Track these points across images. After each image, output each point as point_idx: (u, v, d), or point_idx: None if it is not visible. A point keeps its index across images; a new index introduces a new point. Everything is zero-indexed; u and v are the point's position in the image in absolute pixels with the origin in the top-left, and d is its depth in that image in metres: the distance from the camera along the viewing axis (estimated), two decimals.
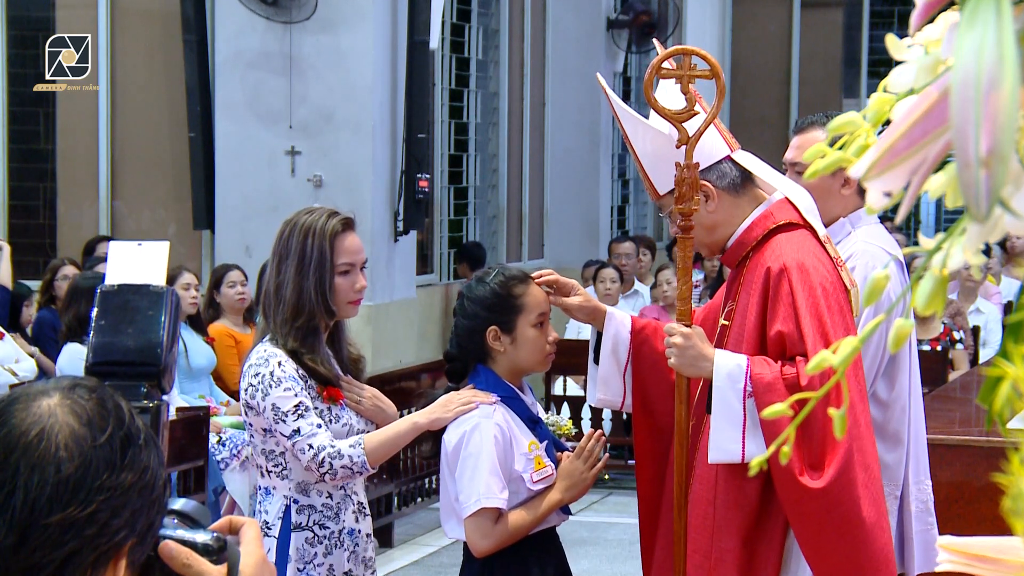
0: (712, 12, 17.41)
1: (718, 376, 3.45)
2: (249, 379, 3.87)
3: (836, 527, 3.35)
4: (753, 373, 3.41)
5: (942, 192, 1.08)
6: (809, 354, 3.37)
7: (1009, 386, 1.05)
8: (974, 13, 0.98)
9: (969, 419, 5.70)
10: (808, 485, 3.32)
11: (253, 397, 3.85)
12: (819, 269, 3.47)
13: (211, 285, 8.84)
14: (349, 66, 10.23)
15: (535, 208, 13.85)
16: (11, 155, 11.18)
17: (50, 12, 11.31)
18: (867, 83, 17.65)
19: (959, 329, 10.04)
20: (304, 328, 3.88)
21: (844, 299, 3.49)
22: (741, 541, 3.45)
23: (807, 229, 3.57)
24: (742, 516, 3.45)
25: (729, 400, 3.42)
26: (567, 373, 10.44)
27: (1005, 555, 1.27)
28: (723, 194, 3.63)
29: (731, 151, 3.66)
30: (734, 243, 3.64)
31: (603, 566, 8.15)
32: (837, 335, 3.38)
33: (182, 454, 6.85)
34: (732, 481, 3.48)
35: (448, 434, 3.87)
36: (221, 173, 10.48)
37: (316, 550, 3.88)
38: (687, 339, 3.52)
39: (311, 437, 3.81)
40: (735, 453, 3.42)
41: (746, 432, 3.41)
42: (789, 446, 1.11)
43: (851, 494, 3.34)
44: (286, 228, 3.95)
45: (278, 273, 3.91)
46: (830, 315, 3.41)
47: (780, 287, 3.45)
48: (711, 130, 3.62)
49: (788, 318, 3.42)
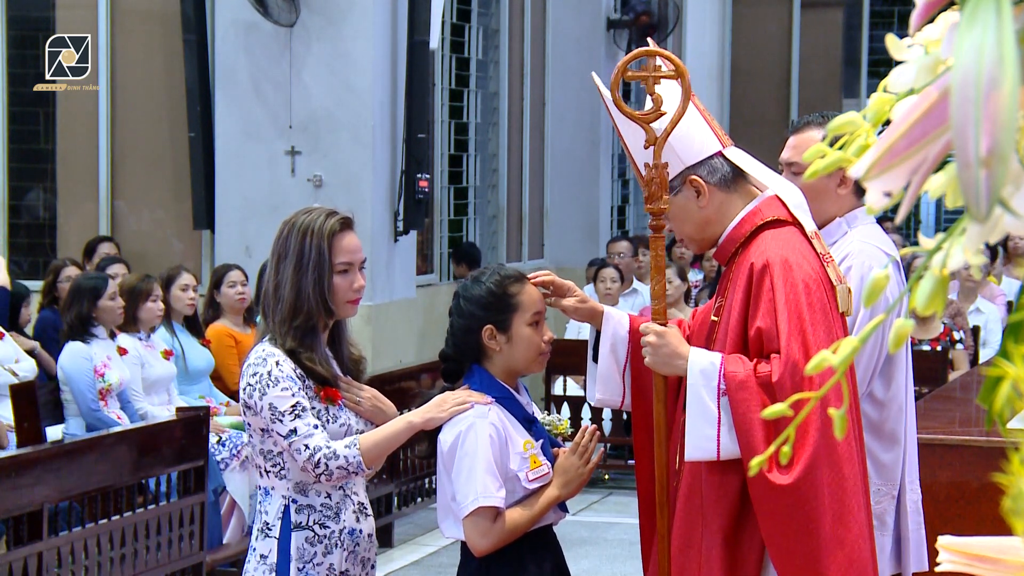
0: (712, 12, 17.41)
1: (692, 374, 3.47)
2: (248, 379, 3.87)
3: (800, 526, 3.35)
4: (727, 371, 3.41)
5: (942, 192, 1.08)
6: (783, 352, 3.36)
7: (1009, 386, 1.05)
8: (974, 13, 0.98)
9: (969, 419, 5.70)
10: (775, 482, 3.33)
11: (251, 396, 3.85)
12: (803, 266, 3.45)
13: (211, 285, 8.85)
14: (349, 66, 10.23)
15: (535, 208, 13.84)
16: (11, 155, 11.18)
17: (50, 12, 11.30)
18: (867, 83, 17.64)
19: (959, 329, 10.04)
20: (302, 327, 3.88)
21: (830, 296, 3.47)
22: (723, 539, 3.45)
23: (795, 225, 3.56)
24: (724, 514, 3.45)
25: (703, 398, 3.44)
26: (567, 373, 10.44)
27: (1005, 555, 1.27)
28: (714, 190, 3.62)
29: (722, 147, 3.65)
30: (724, 240, 3.64)
31: (603, 566, 8.15)
32: (817, 333, 3.37)
33: (182, 454, 6.85)
34: (713, 479, 3.49)
35: (444, 434, 3.86)
36: (221, 173, 10.48)
37: (316, 549, 3.88)
38: (660, 337, 3.55)
39: (307, 438, 3.80)
40: (711, 451, 3.43)
41: (721, 430, 3.42)
42: (789, 445, 1.11)
43: (816, 493, 3.33)
44: (285, 228, 3.95)
45: (277, 273, 3.90)
46: (810, 312, 3.40)
47: (762, 283, 3.45)
48: (702, 125, 3.62)
49: (768, 314, 3.42)
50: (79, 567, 6.16)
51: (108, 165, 11.07)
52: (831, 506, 3.35)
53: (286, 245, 3.91)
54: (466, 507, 3.79)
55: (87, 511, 6.30)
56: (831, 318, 3.44)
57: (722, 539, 3.45)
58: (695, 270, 12.80)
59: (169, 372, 7.97)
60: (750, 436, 3.35)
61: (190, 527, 6.88)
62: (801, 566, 3.37)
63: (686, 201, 3.62)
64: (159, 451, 6.73)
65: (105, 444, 6.42)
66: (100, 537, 6.29)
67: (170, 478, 6.87)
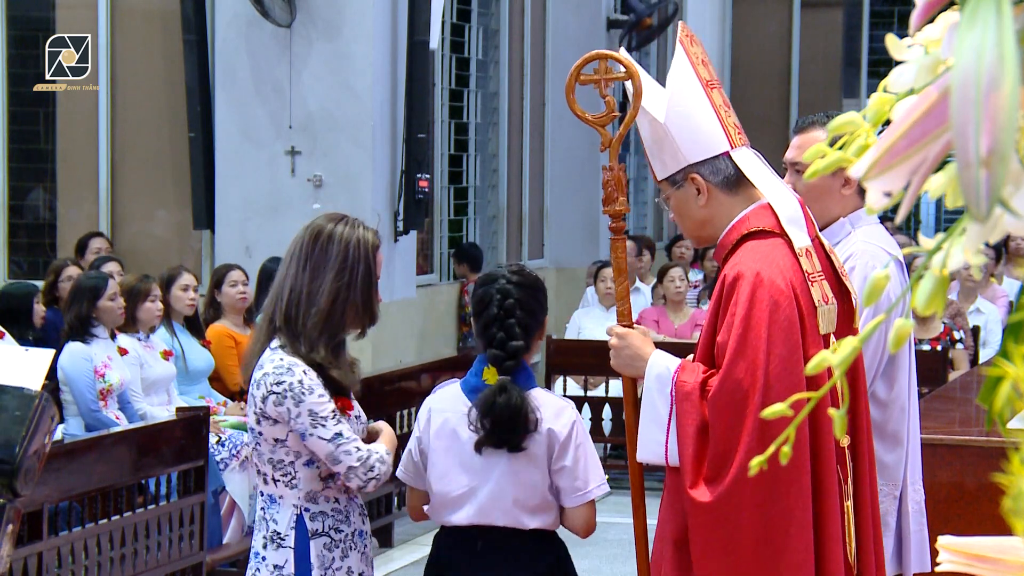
0: (712, 12, 17.41)
1: (648, 377, 3.48)
2: (269, 387, 3.83)
3: (720, 545, 3.30)
4: (678, 379, 3.41)
5: (942, 192, 1.08)
6: (724, 368, 3.31)
7: (1009, 386, 1.05)
8: (974, 13, 0.98)
9: (969, 419, 5.70)
10: (695, 498, 3.30)
11: (279, 405, 3.82)
12: (775, 281, 3.36)
13: (212, 285, 8.84)
14: (349, 66, 10.23)
15: (535, 208, 13.84)
16: (11, 155, 11.17)
17: (50, 12, 11.31)
18: (867, 83, 17.65)
19: (959, 329, 10.04)
20: (334, 336, 3.91)
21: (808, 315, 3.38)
22: (674, 543, 3.44)
23: (783, 238, 3.47)
24: (678, 519, 3.44)
25: (655, 402, 3.45)
26: (567, 373, 10.45)
27: (1005, 555, 1.27)
28: (715, 190, 3.56)
29: (731, 148, 3.57)
30: (718, 245, 3.62)
31: (603, 566, 8.15)
32: (774, 352, 3.28)
33: (182, 454, 6.85)
34: (670, 483, 3.49)
35: (551, 423, 3.96)
36: (221, 173, 10.48)
37: (334, 554, 3.90)
38: (622, 339, 3.57)
39: (354, 441, 3.86)
40: (660, 455, 3.45)
41: (669, 435, 3.42)
42: (789, 446, 1.11)
43: (738, 514, 3.28)
44: (317, 234, 3.93)
45: (312, 279, 3.88)
46: (772, 329, 3.31)
47: (731, 296, 3.39)
48: (713, 123, 3.56)
49: (727, 327, 3.37)
50: (79, 567, 6.16)
51: (108, 165, 11.07)
52: (755, 529, 3.28)
53: (325, 254, 3.90)
54: (593, 492, 3.98)
55: (87, 511, 6.30)
56: (797, 337, 3.33)
57: (673, 542, 3.44)
58: (695, 270, 12.80)
59: (169, 372, 7.97)
60: (683, 449, 3.35)
61: (190, 527, 6.88)
62: None
63: (687, 197, 3.59)
64: (159, 451, 6.73)
65: (105, 444, 6.41)
66: (100, 537, 6.29)
67: (170, 478, 6.87)
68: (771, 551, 3.29)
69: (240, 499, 7.63)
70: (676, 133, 3.56)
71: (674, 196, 3.61)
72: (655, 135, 3.60)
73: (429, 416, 4.04)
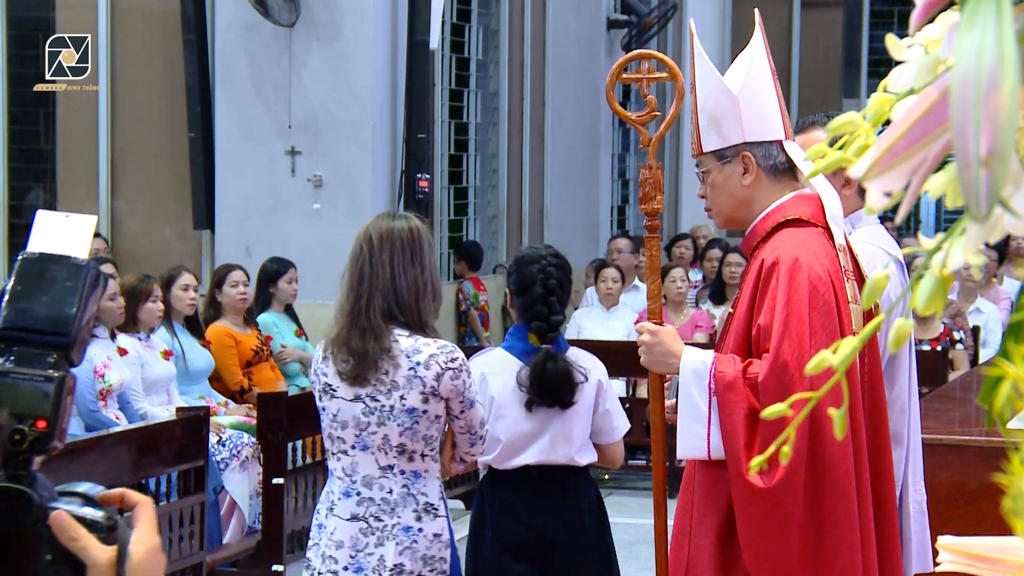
0: (712, 12, 17.41)
1: (684, 373, 3.48)
2: (443, 365, 4.15)
3: (773, 531, 3.32)
4: (716, 371, 3.41)
5: (942, 192, 1.07)
6: (772, 351, 3.33)
7: (1009, 386, 1.05)
8: (974, 13, 0.98)
9: (969, 419, 5.69)
10: (755, 484, 3.31)
11: (457, 378, 4.16)
12: (813, 267, 3.40)
13: (213, 285, 8.83)
14: (349, 66, 10.23)
15: (535, 208, 13.84)
16: (11, 155, 11.17)
17: (50, 12, 11.31)
18: (867, 83, 17.65)
19: (959, 329, 10.04)
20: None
21: (842, 303, 3.41)
22: (716, 538, 3.44)
23: (823, 229, 3.52)
24: (718, 514, 3.44)
25: (694, 397, 3.44)
26: None
27: (1005, 555, 1.27)
28: (762, 173, 3.57)
29: (785, 138, 3.62)
30: (749, 232, 3.62)
31: None
32: (816, 334, 3.32)
33: (182, 454, 6.84)
34: (706, 476, 3.49)
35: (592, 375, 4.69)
36: (221, 173, 10.48)
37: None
38: (654, 336, 3.58)
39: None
40: (701, 449, 3.43)
41: (711, 429, 3.41)
42: (789, 446, 1.11)
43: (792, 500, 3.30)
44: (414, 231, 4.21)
45: (422, 272, 4.18)
46: (812, 313, 3.35)
47: (769, 280, 3.41)
48: (776, 111, 3.58)
49: (768, 311, 3.38)
50: None
51: (108, 165, 11.07)
52: (807, 516, 3.31)
53: (418, 244, 4.20)
54: (622, 428, 4.82)
55: None
56: (836, 323, 3.38)
57: (715, 537, 3.44)
58: (695, 270, 12.78)
59: (169, 372, 7.96)
60: (733, 438, 3.34)
61: (190, 527, 6.88)
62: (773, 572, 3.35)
63: (733, 174, 3.59)
64: (159, 451, 6.73)
65: (105, 444, 6.41)
66: None
67: (170, 478, 6.87)
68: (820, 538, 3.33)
69: (240, 499, 7.62)
70: (744, 107, 3.56)
71: (718, 171, 3.61)
72: (719, 106, 3.59)
73: (484, 379, 4.63)
